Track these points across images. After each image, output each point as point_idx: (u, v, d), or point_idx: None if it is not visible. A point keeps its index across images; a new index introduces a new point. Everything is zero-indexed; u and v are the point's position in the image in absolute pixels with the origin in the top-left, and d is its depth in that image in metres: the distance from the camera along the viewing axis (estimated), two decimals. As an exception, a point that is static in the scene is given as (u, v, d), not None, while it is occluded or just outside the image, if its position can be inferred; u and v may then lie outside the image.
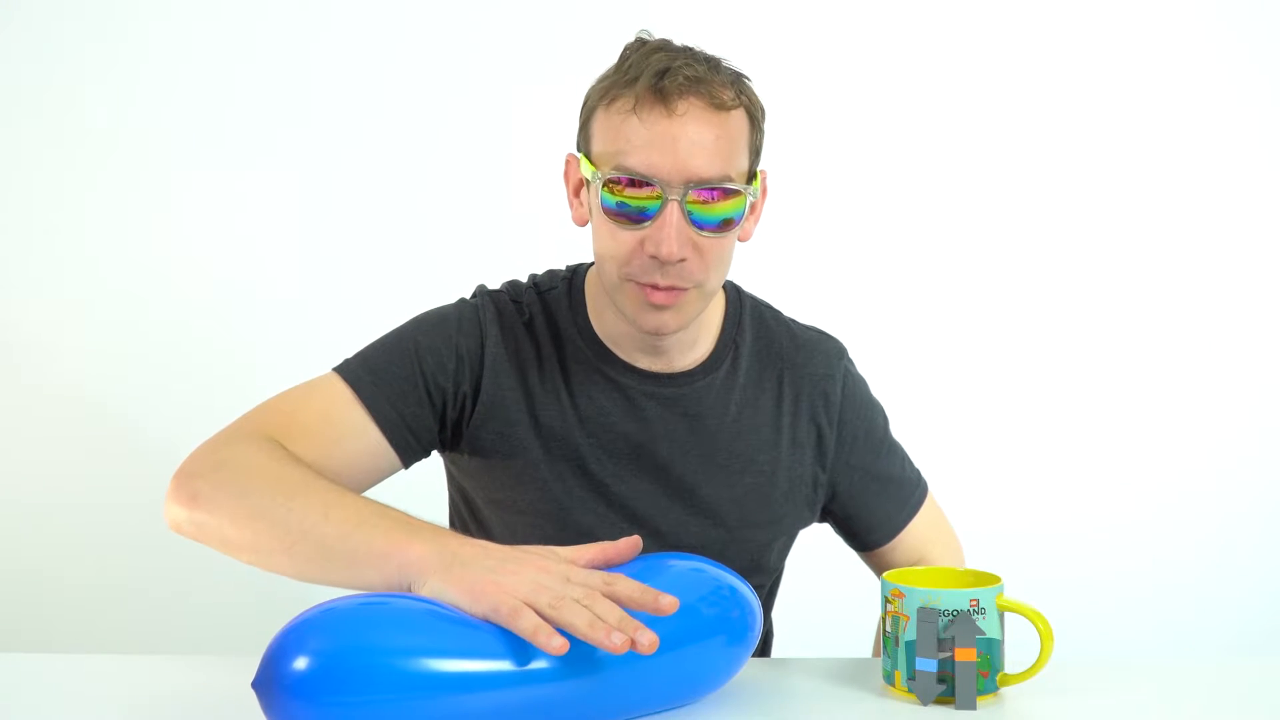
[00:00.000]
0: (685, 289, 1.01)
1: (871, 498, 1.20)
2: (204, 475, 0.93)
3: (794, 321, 1.21)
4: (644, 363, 1.11)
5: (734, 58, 1.05)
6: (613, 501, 1.10)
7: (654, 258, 0.99)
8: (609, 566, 0.85)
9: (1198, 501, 2.14)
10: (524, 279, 1.17)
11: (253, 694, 0.73)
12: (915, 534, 1.22)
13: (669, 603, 0.78)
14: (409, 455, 1.07)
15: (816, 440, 1.16)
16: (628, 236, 1.00)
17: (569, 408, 1.10)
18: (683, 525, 1.12)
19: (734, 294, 1.19)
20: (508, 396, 1.09)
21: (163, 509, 0.94)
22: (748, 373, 1.15)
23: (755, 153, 1.05)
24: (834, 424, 1.17)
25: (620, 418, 1.10)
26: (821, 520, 1.23)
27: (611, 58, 1.06)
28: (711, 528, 1.12)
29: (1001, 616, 0.91)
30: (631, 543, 0.87)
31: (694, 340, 1.12)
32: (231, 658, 0.98)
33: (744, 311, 1.17)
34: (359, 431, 1.03)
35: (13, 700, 0.90)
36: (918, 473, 1.25)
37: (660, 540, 1.11)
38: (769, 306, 1.21)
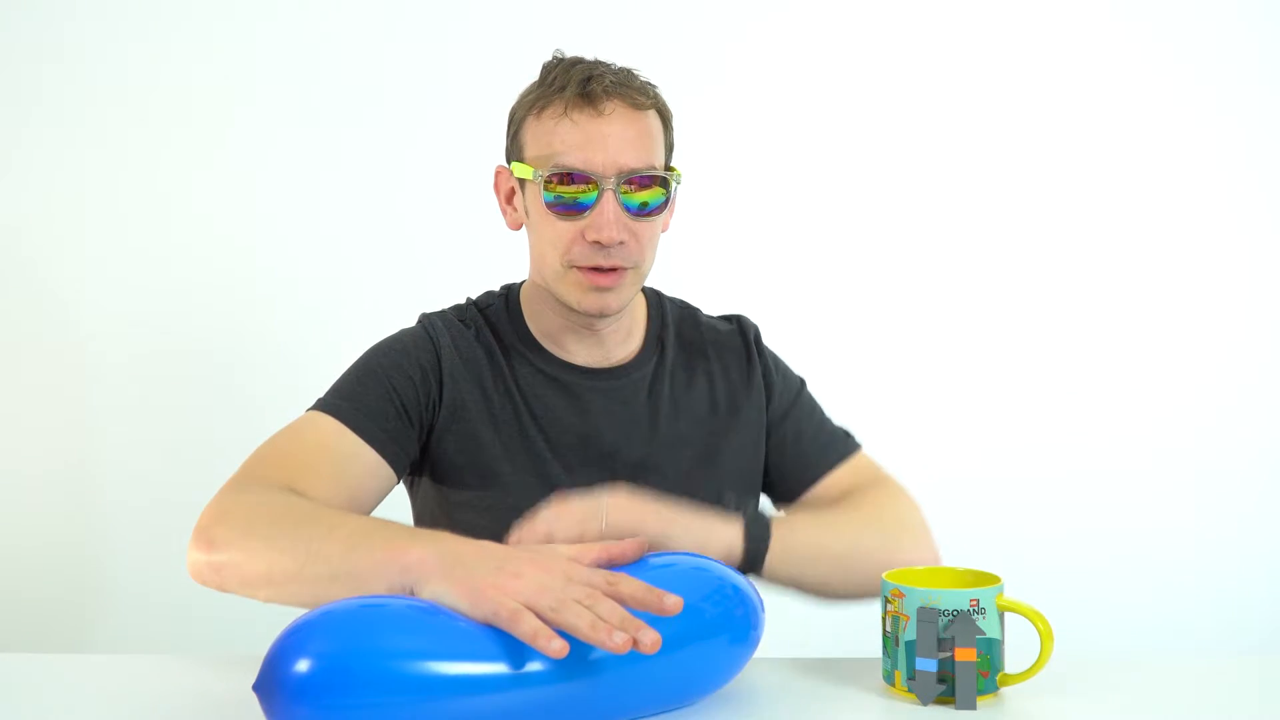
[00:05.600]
0: (625, 269, 1.12)
1: (789, 445, 1.24)
2: (218, 522, 0.96)
3: (710, 315, 1.31)
4: (583, 358, 1.20)
5: (660, 65, 1.17)
6: (559, 489, 1.13)
7: (595, 243, 1.09)
8: (612, 566, 0.85)
9: (1198, 501, 2.14)
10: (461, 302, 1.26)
11: (253, 696, 0.73)
12: (838, 485, 1.23)
13: (674, 602, 0.78)
14: (400, 466, 1.13)
15: (749, 396, 1.24)
16: (568, 227, 1.10)
17: (521, 405, 1.17)
18: None
19: (654, 296, 1.29)
20: (466, 400, 1.16)
21: (185, 562, 0.98)
22: (675, 360, 1.24)
23: (669, 149, 1.17)
24: (760, 378, 1.26)
25: (565, 411, 1.17)
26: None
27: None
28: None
29: (1001, 616, 0.91)
30: (636, 544, 0.87)
31: (628, 331, 1.22)
32: (232, 659, 0.98)
33: (665, 310, 1.28)
34: (355, 455, 1.09)
35: (13, 700, 0.90)
36: (845, 431, 1.29)
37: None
38: (685, 304, 1.31)
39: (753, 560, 1.04)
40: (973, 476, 2.10)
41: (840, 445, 1.26)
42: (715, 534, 1.02)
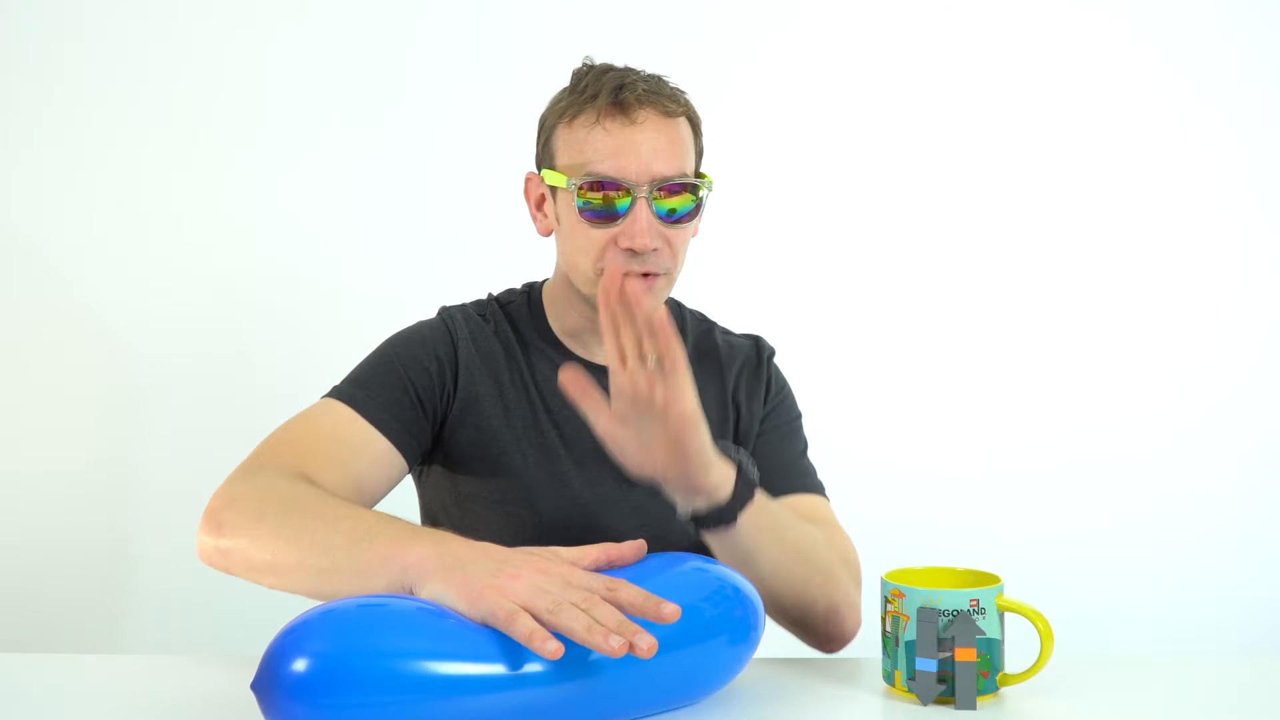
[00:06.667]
0: (658, 275, 1.12)
1: (763, 459, 1.22)
2: (228, 507, 0.97)
3: (727, 329, 1.32)
4: (602, 357, 1.19)
5: (692, 70, 1.18)
6: (570, 485, 1.16)
7: (629, 250, 1.09)
8: (612, 568, 0.85)
9: (1198, 501, 2.14)
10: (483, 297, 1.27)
11: (252, 695, 0.73)
12: (793, 510, 1.19)
13: (671, 610, 0.78)
14: (412, 456, 1.13)
15: (750, 406, 1.26)
16: (601, 234, 1.11)
17: (537, 399, 1.18)
18: (642, 508, 1.17)
19: (674, 306, 1.30)
20: (481, 391, 1.17)
21: (184, 562, 1.00)
22: (692, 370, 1.19)
23: (699, 155, 1.18)
24: (763, 388, 1.27)
25: None
26: None
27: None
28: (672, 508, 1.13)
29: (1001, 616, 0.91)
30: (636, 546, 0.87)
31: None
32: (232, 659, 0.98)
33: (685, 320, 1.29)
34: (367, 443, 1.09)
35: (13, 700, 0.90)
36: (818, 477, 1.26)
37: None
38: (704, 316, 1.32)
39: (731, 508, 0.97)
40: (974, 476, 2.10)
41: (808, 479, 1.25)
42: (714, 467, 0.96)
